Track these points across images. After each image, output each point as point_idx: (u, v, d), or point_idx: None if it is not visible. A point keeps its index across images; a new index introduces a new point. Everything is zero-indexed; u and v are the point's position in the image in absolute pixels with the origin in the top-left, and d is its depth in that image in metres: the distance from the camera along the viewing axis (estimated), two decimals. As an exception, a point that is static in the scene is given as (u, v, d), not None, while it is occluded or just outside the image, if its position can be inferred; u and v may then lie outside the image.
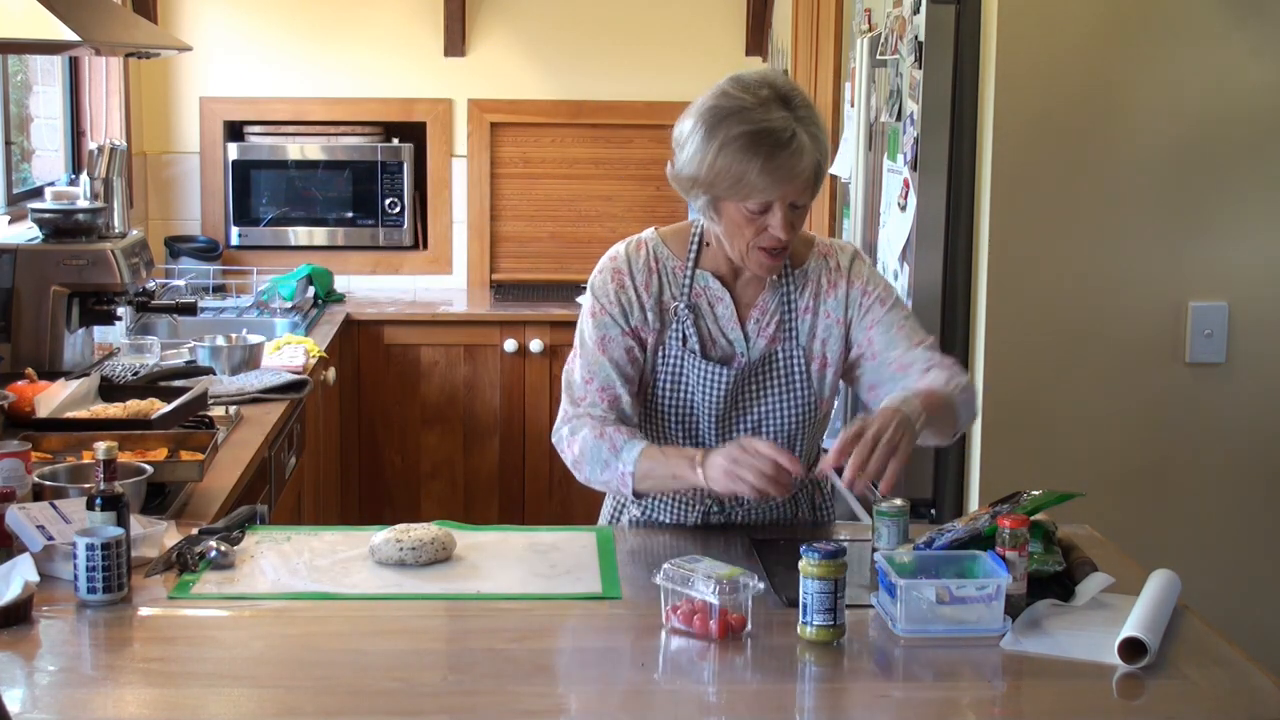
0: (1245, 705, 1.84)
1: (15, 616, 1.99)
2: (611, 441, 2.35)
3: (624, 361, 2.41)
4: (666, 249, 2.45)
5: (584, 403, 2.42)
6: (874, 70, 3.45)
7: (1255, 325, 3.04)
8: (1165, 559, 2.26)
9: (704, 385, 2.41)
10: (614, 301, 2.42)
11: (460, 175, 5.58)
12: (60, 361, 3.55)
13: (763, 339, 2.44)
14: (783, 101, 2.28)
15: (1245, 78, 2.98)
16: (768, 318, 2.44)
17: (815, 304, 2.45)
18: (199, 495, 2.74)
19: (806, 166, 2.26)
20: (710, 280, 2.43)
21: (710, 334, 2.43)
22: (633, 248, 2.45)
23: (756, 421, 2.44)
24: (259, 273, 5.24)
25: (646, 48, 5.51)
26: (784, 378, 2.44)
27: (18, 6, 2.92)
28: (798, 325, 2.45)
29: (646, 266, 2.43)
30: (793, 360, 2.44)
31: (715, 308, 2.43)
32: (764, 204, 2.28)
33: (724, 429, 2.44)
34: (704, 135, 2.29)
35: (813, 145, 2.27)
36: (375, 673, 1.88)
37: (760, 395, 2.44)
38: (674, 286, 2.43)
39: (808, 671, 1.93)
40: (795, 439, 2.47)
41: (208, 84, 5.49)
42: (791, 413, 2.45)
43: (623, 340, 2.42)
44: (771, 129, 2.25)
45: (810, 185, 2.30)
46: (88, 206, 3.74)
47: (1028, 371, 3.04)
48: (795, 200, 2.29)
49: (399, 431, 5.12)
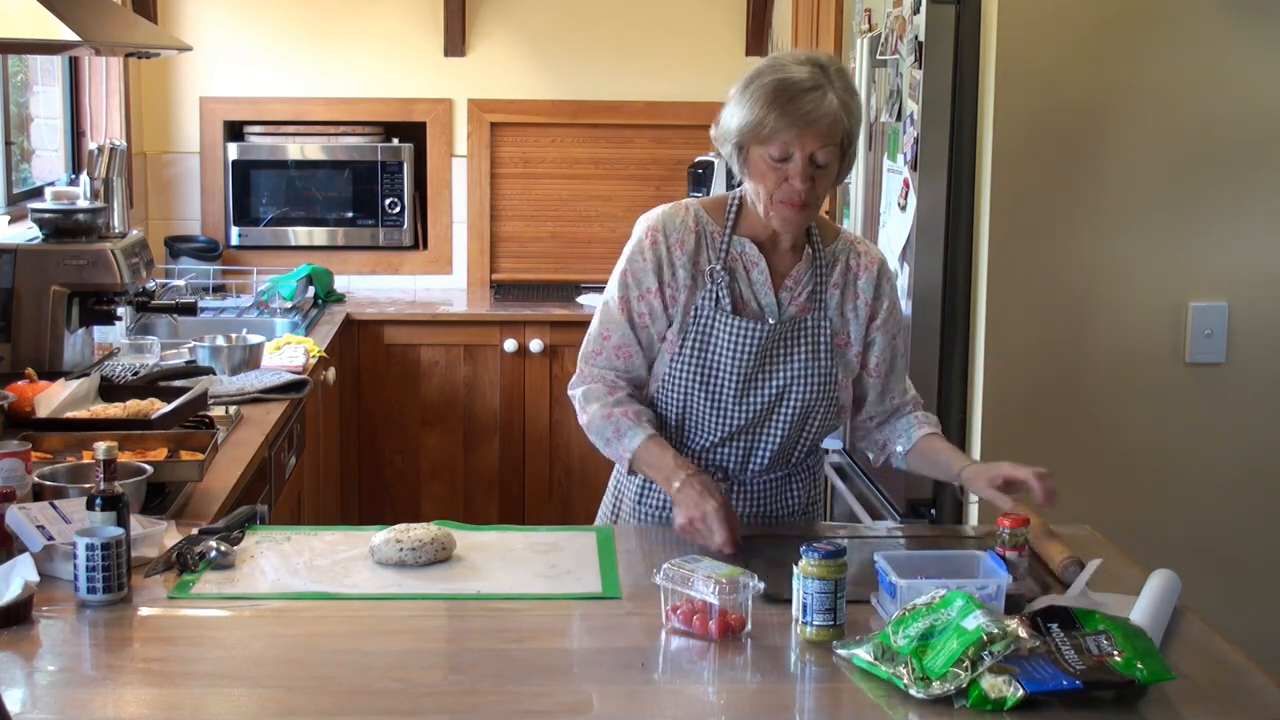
0: (1245, 705, 1.84)
1: (15, 616, 1.99)
2: (617, 425, 2.44)
3: (640, 325, 2.49)
4: (706, 215, 2.51)
5: (598, 359, 2.51)
6: (874, 70, 3.45)
7: (1255, 325, 3.04)
8: (1165, 559, 2.26)
9: (733, 342, 2.45)
10: (646, 259, 2.48)
11: (460, 175, 5.58)
12: (60, 361, 3.55)
13: (794, 306, 2.50)
14: (819, 67, 2.37)
15: (1245, 78, 2.98)
16: (800, 287, 2.50)
17: (844, 281, 2.52)
18: (199, 495, 2.74)
19: (826, 115, 2.33)
20: (747, 245, 2.49)
21: (743, 296, 2.48)
22: (673, 209, 2.53)
23: (779, 389, 2.47)
24: (259, 273, 5.24)
25: (646, 48, 5.51)
26: (810, 346, 2.48)
27: (18, 6, 2.92)
28: (827, 298, 2.51)
29: (684, 225, 2.49)
30: (820, 330, 2.49)
31: (750, 272, 2.49)
32: (784, 151, 2.35)
33: (746, 393, 2.47)
34: (740, 88, 2.40)
35: (839, 105, 2.35)
36: (375, 673, 1.88)
37: (786, 361, 2.47)
38: (711, 249, 2.49)
39: (808, 671, 1.93)
40: (812, 413, 2.50)
41: (208, 84, 5.49)
42: (813, 383, 2.48)
43: (642, 303, 2.48)
44: (797, 79, 2.35)
45: (830, 138, 2.35)
46: (88, 206, 3.74)
47: (1028, 371, 3.04)
48: (815, 152, 2.35)
49: (399, 431, 5.12)
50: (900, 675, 1.80)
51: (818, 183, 2.38)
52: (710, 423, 2.49)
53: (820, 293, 2.50)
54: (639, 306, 2.49)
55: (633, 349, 2.50)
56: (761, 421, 2.49)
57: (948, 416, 3.12)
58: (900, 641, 1.84)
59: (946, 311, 3.12)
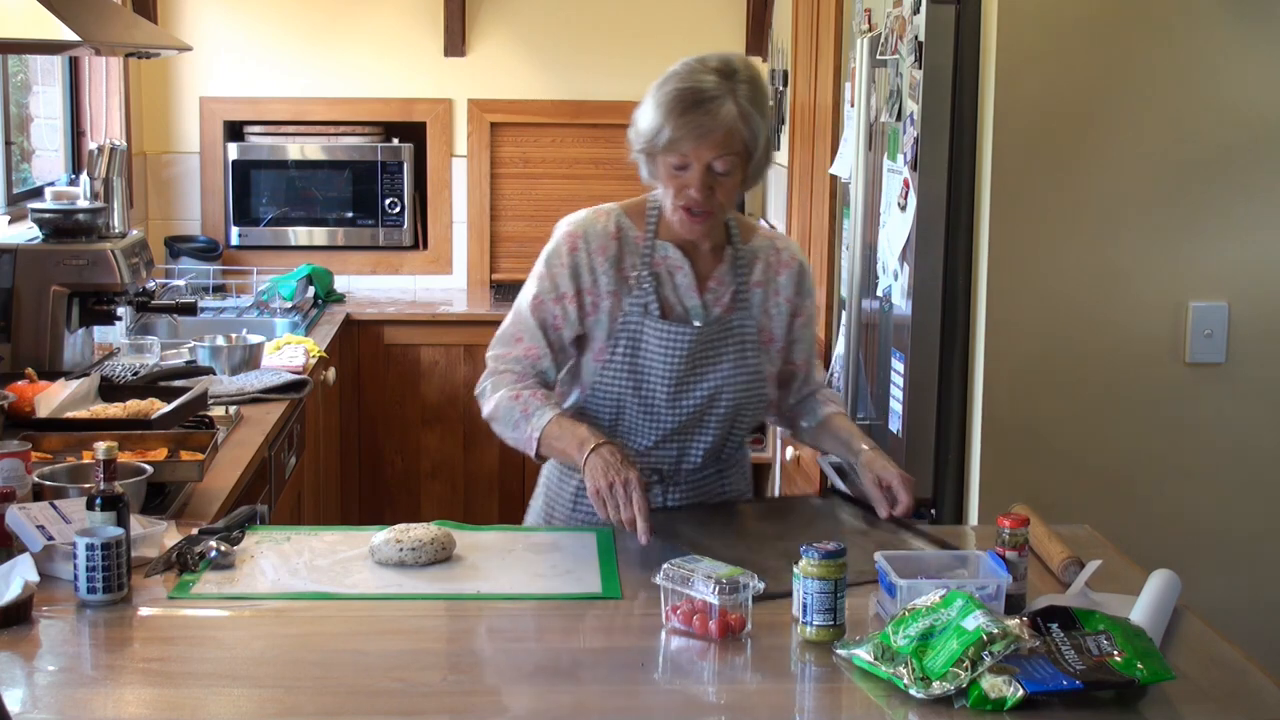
0: (1245, 705, 1.84)
1: (15, 616, 1.99)
2: (525, 405, 2.44)
3: (552, 326, 2.49)
4: (628, 220, 2.52)
5: (507, 359, 2.50)
6: (874, 70, 3.45)
7: (1255, 325, 3.03)
8: (1165, 559, 2.26)
9: (663, 347, 2.47)
10: (564, 264, 2.48)
11: (460, 175, 5.58)
12: (60, 361, 3.55)
13: (719, 308, 2.52)
14: (724, 74, 2.38)
15: (1245, 78, 2.98)
16: (723, 288, 2.53)
17: (765, 279, 2.55)
18: (199, 495, 2.74)
19: (721, 125, 2.34)
20: (670, 250, 2.51)
21: (669, 301, 2.50)
22: (594, 214, 2.54)
23: (710, 390, 2.49)
24: (259, 273, 5.24)
25: (646, 48, 5.51)
26: (737, 346, 2.51)
27: (18, 6, 2.93)
28: (750, 297, 2.54)
29: (605, 232, 2.50)
30: (745, 330, 2.52)
31: (675, 276, 2.51)
32: (683, 160, 2.37)
33: (678, 396, 2.49)
34: (649, 94, 2.43)
35: (738, 114, 2.35)
36: (375, 673, 1.88)
37: (715, 363, 2.50)
38: (634, 255, 2.49)
39: (808, 671, 1.93)
40: (742, 411, 2.54)
41: (208, 84, 5.49)
42: (742, 382, 2.51)
43: (557, 306, 2.48)
44: (697, 88, 2.36)
45: (727, 148, 2.36)
46: (88, 206, 3.74)
47: (1028, 371, 3.04)
48: (713, 161, 2.36)
49: (399, 431, 5.12)
50: (900, 675, 1.80)
51: (718, 190, 2.40)
52: (643, 428, 2.50)
53: (743, 292, 2.53)
54: (553, 309, 2.48)
55: (541, 351, 2.49)
56: (694, 423, 2.51)
57: (948, 416, 3.12)
58: (900, 641, 1.84)
59: (946, 311, 3.11)
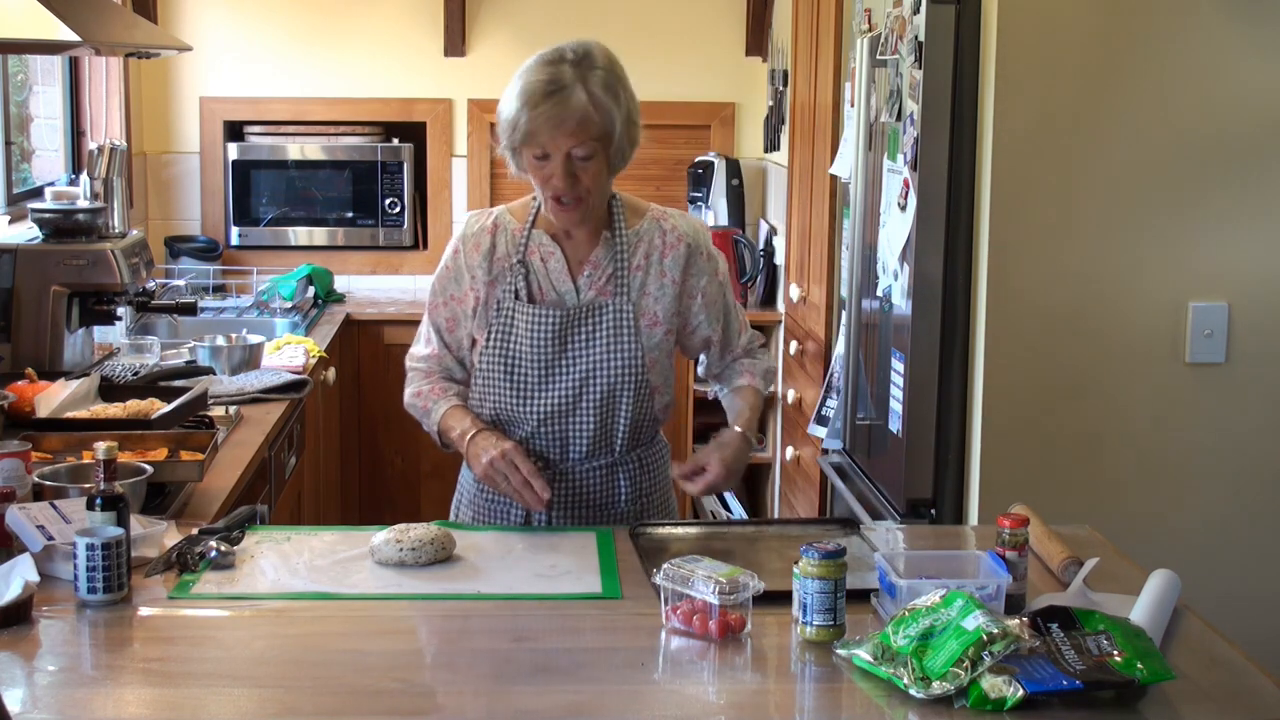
0: (1245, 705, 1.84)
1: (15, 616, 1.99)
2: (425, 401, 2.61)
3: (446, 329, 2.61)
4: (510, 216, 2.60)
5: (416, 358, 2.66)
6: (874, 70, 3.45)
7: (1255, 325, 3.03)
8: (1165, 559, 2.26)
9: (531, 330, 2.51)
10: (449, 269, 2.59)
11: (460, 175, 5.58)
12: (60, 361, 3.55)
13: (593, 290, 2.55)
14: (576, 62, 2.44)
15: (1245, 78, 2.98)
16: (600, 272, 2.56)
17: (648, 262, 2.57)
18: (199, 495, 2.74)
19: (573, 115, 2.39)
20: (544, 238, 2.57)
21: (540, 286, 2.55)
22: (475, 215, 2.64)
23: (582, 374, 2.52)
24: (259, 273, 5.24)
25: (646, 48, 5.50)
26: (612, 329, 2.53)
27: (18, 6, 2.93)
28: (629, 281, 2.55)
29: (481, 229, 2.58)
30: (622, 314, 2.54)
31: (547, 262, 2.56)
32: (543, 150, 2.42)
33: (548, 379, 2.52)
34: (506, 90, 2.47)
35: (588, 99, 2.40)
36: (375, 673, 1.88)
37: (588, 345, 2.52)
38: (509, 246, 2.56)
39: (808, 671, 1.93)
40: (619, 396, 2.55)
41: (208, 84, 5.49)
42: (617, 366, 2.53)
43: (445, 310, 2.60)
44: (548, 79, 2.41)
45: (582, 134, 2.41)
46: (88, 206, 3.74)
47: (1028, 371, 3.04)
48: (572, 149, 2.41)
49: (399, 431, 5.11)
50: (900, 675, 1.80)
51: (583, 177, 2.45)
52: (519, 412, 2.54)
53: (623, 275, 2.54)
54: (444, 312, 2.60)
55: (442, 352, 2.62)
56: (570, 408, 2.54)
57: (948, 416, 3.12)
58: (900, 641, 1.84)
59: (946, 311, 3.11)
